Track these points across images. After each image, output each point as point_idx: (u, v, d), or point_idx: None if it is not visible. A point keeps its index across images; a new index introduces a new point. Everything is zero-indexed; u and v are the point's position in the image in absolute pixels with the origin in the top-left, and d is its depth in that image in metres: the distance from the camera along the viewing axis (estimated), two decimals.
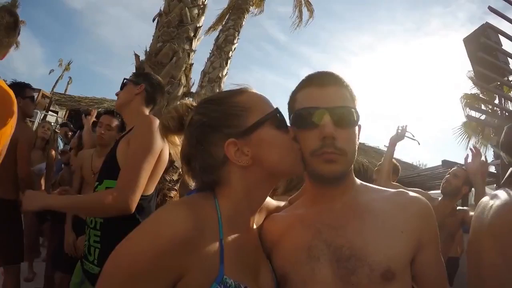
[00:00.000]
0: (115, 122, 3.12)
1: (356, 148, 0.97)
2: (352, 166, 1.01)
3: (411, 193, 1.00)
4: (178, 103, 0.99)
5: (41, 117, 12.86)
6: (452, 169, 3.22)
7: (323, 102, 0.92)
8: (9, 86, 1.75)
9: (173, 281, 0.72)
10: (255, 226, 1.00)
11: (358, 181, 1.06)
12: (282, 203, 1.21)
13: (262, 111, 0.90)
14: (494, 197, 1.66)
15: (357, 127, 0.98)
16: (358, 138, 1.00)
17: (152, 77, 2.24)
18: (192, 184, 0.97)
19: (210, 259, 0.75)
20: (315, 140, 0.91)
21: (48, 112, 14.80)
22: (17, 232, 3.10)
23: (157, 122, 1.73)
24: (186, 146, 0.93)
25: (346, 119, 0.93)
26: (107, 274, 0.72)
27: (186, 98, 3.60)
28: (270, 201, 1.16)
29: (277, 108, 0.94)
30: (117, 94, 2.13)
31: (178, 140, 1.00)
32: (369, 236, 0.90)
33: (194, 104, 0.97)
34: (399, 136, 3.16)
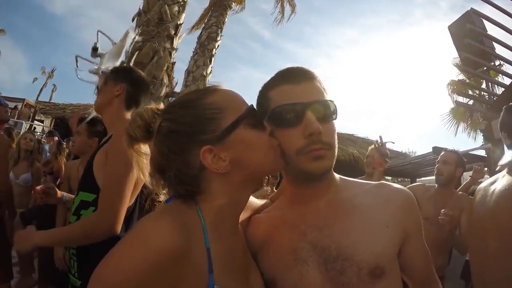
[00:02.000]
0: (83, 127, 2.99)
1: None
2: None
3: (393, 185, 0.99)
4: (143, 108, 0.88)
5: (27, 127, 12.56)
6: (440, 155, 3.10)
7: (302, 98, 0.88)
8: None
9: None
10: (240, 227, 0.96)
11: (337, 176, 1.02)
12: (264, 201, 1.17)
13: (237, 111, 0.83)
14: (494, 182, 1.61)
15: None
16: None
17: (134, 74, 1.99)
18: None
19: (199, 270, 0.72)
20: (299, 138, 0.86)
21: (33, 121, 14.50)
22: (4, 249, 2.95)
23: None
24: (157, 156, 0.84)
25: (327, 112, 0.90)
26: None
27: (170, 99, 3.48)
28: (253, 200, 1.11)
29: (251, 105, 0.88)
30: (96, 94, 1.98)
31: (144, 147, 0.89)
32: (355, 234, 0.87)
33: (161, 107, 0.88)
34: (383, 151, 3.16)
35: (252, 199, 1.08)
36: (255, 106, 0.92)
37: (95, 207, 1.60)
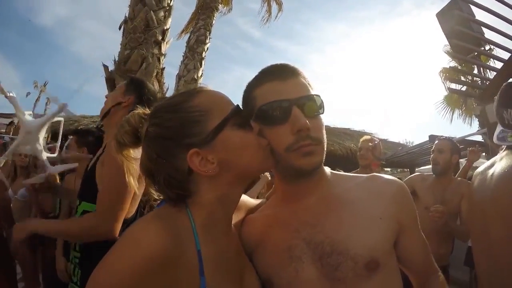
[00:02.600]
0: (72, 140, 3.04)
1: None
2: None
3: (385, 177, 0.99)
4: (130, 114, 0.88)
5: None
6: (434, 144, 3.07)
7: (288, 94, 0.87)
8: None
9: None
10: (233, 228, 0.94)
11: (327, 170, 1.01)
12: (259, 201, 1.16)
13: (223, 112, 0.82)
14: (492, 166, 1.58)
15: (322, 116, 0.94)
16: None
17: (145, 90, 1.88)
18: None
19: (190, 272, 0.72)
20: (287, 134, 0.85)
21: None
22: (7, 267, 2.90)
23: None
24: (145, 161, 0.84)
25: (314, 107, 0.89)
26: None
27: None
28: (247, 199, 1.13)
29: (237, 105, 0.87)
30: (106, 97, 1.89)
31: (134, 153, 0.89)
32: (348, 228, 0.87)
33: (148, 112, 0.87)
34: (377, 153, 3.25)
35: (246, 198, 1.11)
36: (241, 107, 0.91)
37: None
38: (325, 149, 0.91)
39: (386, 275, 0.86)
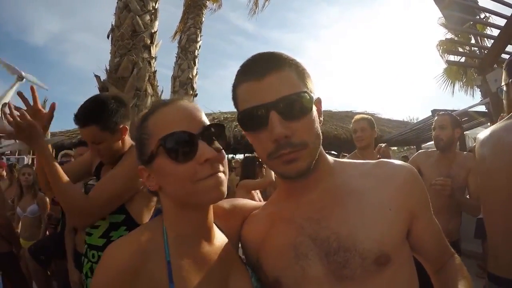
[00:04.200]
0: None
1: (319, 131, 0.85)
2: (321, 150, 0.88)
3: (393, 162, 0.93)
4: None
5: (29, 162, 12.59)
6: (434, 121, 2.96)
7: (264, 96, 0.79)
8: None
9: None
10: (220, 238, 0.93)
11: (331, 159, 0.95)
12: (261, 204, 1.11)
13: (159, 137, 0.81)
14: (497, 131, 1.61)
15: (314, 108, 0.85)
16: (320, 113, 0.89)
17: (103, 115, 1.73)
18: None
19: (159, 280, 0.76)
20: (267, 142, 0.80)
21: (34, 155, 14.59)
22: (18, 282, 3.07)
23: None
24: None
25: (297, 108, 0.80)
26: None
27: None
28: (244, 203, 1.09)
29: (171, 133, 0.79)
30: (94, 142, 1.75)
31: None
32: (355, 222, 0.82)
33: None
34: (386, 155, 3.02)
35: (243, 202, 1.09)
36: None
37: (126, 226, 1.69)
38: (317, 147, 0.84)
39: (398, 269, 0.81)
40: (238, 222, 1.02)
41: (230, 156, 13.58)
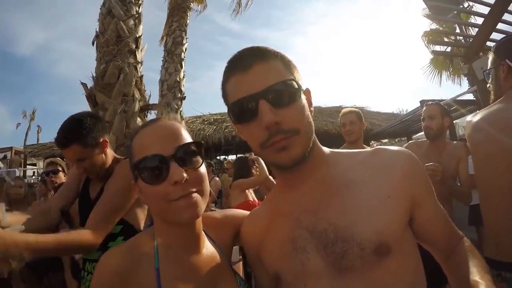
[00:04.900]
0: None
1: (310, 120, 0.85)
2: (314, 139, 0.88)
3: (390, 148, 0.91)
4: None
5: (22, 174, 12.47)
6: (423, 111, 2.97)
7: (252, 87, 0.80)
8: None
9: None
10: (209, 248, 0.97)
11: (326, 150, 0.95)
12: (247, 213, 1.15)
13: (134, 161, 0.88)
14: (488, 115, 1.61)
15: (303, 96, 0.85)
16: (311, 103, 0.88)
17: (82, 134, 1.81)
18: None
19: (147, 285, 0.82)
20: (259, 132, 0.80)
21: (25, 167, 14.44)
22: None
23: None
24: None
25: (285, 95, 0.80)
26: None
27: (145, 112, 3.37)
28: (236, 213, 1.13)
29: (144, 157, 0.84)
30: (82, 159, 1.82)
31: None
32: (352, 212, 0.81)
33: None
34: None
35: (234, 212, 1.13)
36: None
37: (123, 236, 1.78)
38: (309, 135, 0.84)
39: (400, 259, 0.79)
40: (229, 232, 1.05)
41: (222, 157, 13.55)
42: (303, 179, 0.89)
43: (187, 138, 0.88)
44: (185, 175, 0.80)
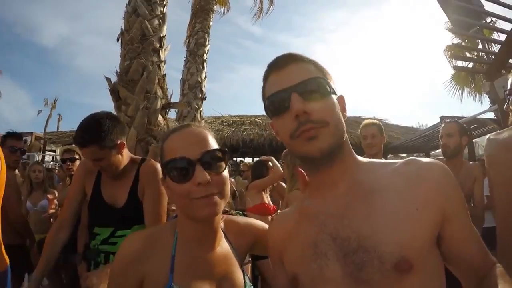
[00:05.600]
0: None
1: (341, 118, 0.88)
2: (346, 141, 0.91)
3: (423, 160, 0.87)
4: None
5: (40, 159, 12.87)
6: (441, 128, 2.94)
7: (285, 82, 0.85)
8: None
9: (138, 281, 0.94)
10: (224, 247, 1.06)
11: (359, 158, 0.95)
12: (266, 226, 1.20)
13: (163, 161, 0.97)
14: None
15: (335, 97, 0.89)
16: (344, 109, 0.91)
17: (99, 134, 1.87)
18: None
19: (162, 269, 0.94)
20: (290, 122, 0.83)
21: (44, 152, 14.89)
22: (28, 274, 3.16)
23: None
24: None
25: (315, 90, 0.85)
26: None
27: (167, 110, 3.46)
28: (257, 226, 1.19)
29: (171, 160, 0.94)
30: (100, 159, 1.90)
31: None
32: (377, 222, 0.78)
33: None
34: None
35: (253, 223, 1.20)
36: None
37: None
38: (339, 131, 0.86)
39: (422, 278, 0.74)
40: (247, 239, 1.14)
41: (239, 159, 13.62)
42: (334, 182, 0.89)
43: (214, 144, 0.97)
44: (208, 177, 0.88)
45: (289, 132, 0.84)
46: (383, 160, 0.96)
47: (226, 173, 0.96)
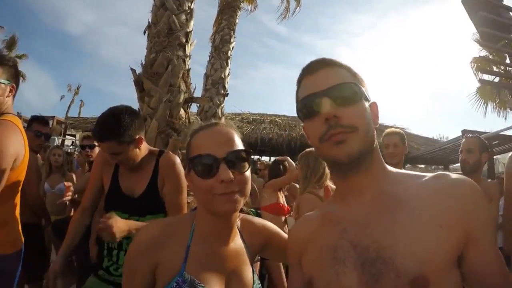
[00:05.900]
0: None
1: (371, 125, 0.89)
2: (376, 148, 0.91)
3: (453, 175, 0.85)
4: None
5: (60, 142, 13.31)
6: (462, 143, 2.91)
7: (317, 86, 0.88)
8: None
9: (152, 267, 0.99)
10: (238, 243, 1.11)
11: (388, 167, 0.95)
12: (281, 233, 1.25)
13: (190, 156, 1.02)
14: None
15: (367, 103, 0.90)
16: (376, 116, 0.93)
17: (115, 130, 1.89)
18: None
19: (175, 259, 0.99)
20: (320, 126, 0.86)
21: (65, 136, 15.36)
22: (40, 253, 3.30)
23: None
24: None
25: (346, 95, 0.86)
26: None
27: (189, 104, 3.54)
28: (271, 229, 1.23)
29: (197, 155, 0.98)
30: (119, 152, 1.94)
31: None
32: (399, 234, 0.77)
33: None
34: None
35: (268, 225, 1.24)
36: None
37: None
38: (369, 137, 0.86)
39: None
40: (260, 240, 1.19)
41: (256, 157, 13.70)
42: (360, 189, 0.89)
43: (239, 145, 1.01)
44: (231, 176, 0.92)
45: (318, 136, 0.86)
46: (413, 172, 0.95)
47: (248, 173, 1.00)
